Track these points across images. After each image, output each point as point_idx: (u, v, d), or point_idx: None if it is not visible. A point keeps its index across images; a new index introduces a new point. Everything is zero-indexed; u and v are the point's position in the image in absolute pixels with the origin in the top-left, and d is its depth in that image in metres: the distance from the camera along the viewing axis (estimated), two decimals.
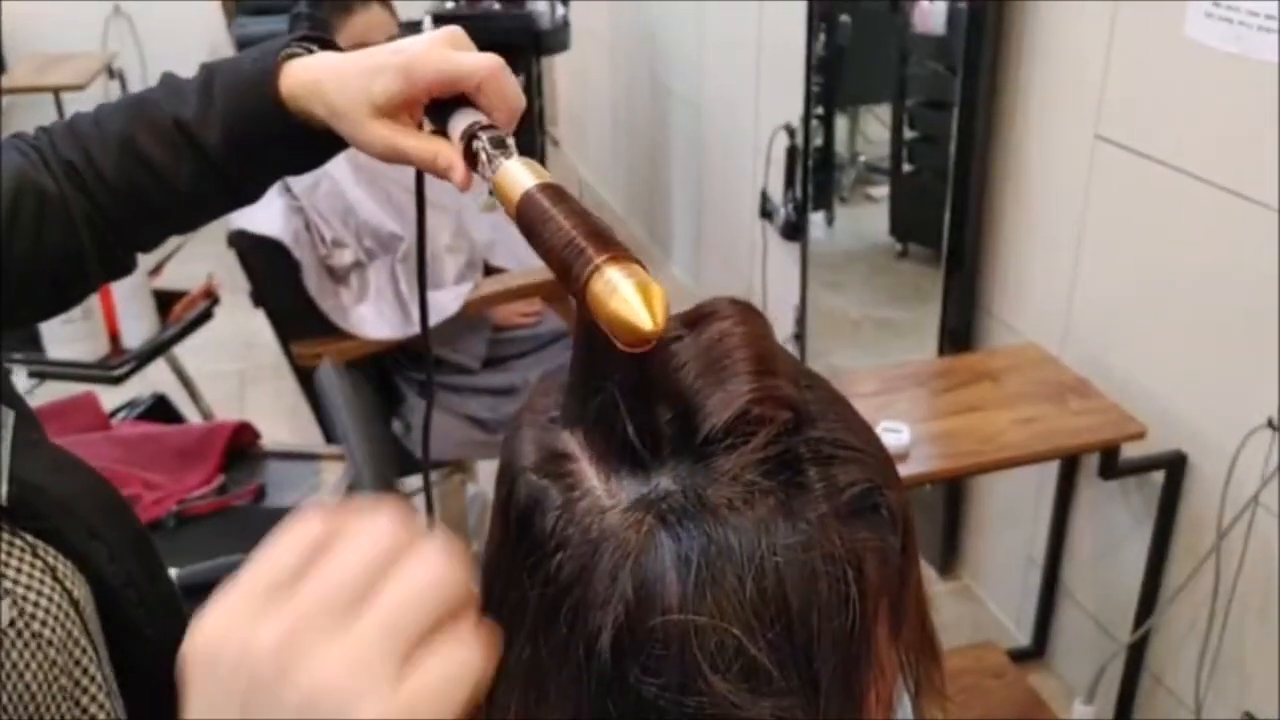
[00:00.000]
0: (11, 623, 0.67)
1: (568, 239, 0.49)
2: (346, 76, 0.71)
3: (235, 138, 0.75)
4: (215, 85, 0.76)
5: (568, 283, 0.47)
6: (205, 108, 0.76)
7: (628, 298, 0.44)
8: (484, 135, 0.64)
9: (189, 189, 0.77)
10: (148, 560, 0.82)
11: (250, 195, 0.82)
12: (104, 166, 0.77)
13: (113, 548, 0.77)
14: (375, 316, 2.20)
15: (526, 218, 0.54)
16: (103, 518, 0.78)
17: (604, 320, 0.45)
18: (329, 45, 0.77)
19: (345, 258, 2.20)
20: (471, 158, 0.65)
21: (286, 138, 0.75)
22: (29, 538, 0.71)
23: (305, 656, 0.35)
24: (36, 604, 0.69)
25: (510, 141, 0.64)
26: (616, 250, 0.47)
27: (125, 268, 0.83)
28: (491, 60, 0.69)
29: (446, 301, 2.26)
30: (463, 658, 0.37)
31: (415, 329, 2.21)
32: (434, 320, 2.23)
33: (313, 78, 0.73)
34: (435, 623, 0.37)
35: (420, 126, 0.73)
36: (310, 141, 0.75)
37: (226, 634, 0.36)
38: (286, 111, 0.74)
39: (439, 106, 0.71)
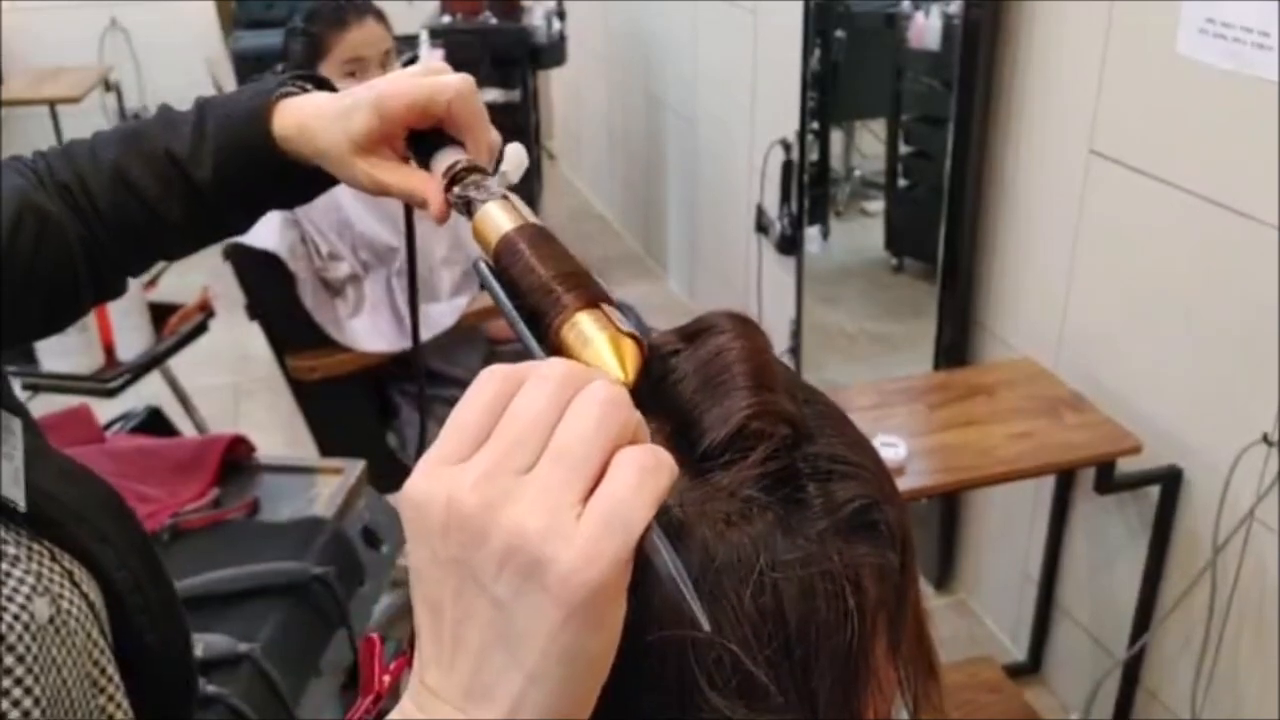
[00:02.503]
0: (50, 619, 0.68)
1: (540, 284, 0.50)
2: (328, 118, 0.74)
3: (226, 173, 0.77)
4: (209, 121, 0.77)
5: (540, 329, 0.48)
6: (198, 142, 0.77)
7: (600, 350, 0.45)
8: (467, 177, 0.65)
9: (178, 220, 0.79)
10: (152, 565, 0.83)
11: (238, 228, 0.84)
12: (97, 193, 0.78)
13: (120, 553, 0.79)
14: (371, 329, 2.20)
15: (502, 263, 0.54)
16: (111, 523, 0.80)
17: None
18: (323, 85, 0.79)
19: (341, 270, 2.20)
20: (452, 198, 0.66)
21: (277, 174, 0.77)
22: (48, 544, 0.73)
23: (502, 501, 0.38)
24: (69, 604, 0.71)
25: (490, 183, 0.65)
26: (589, 296, 0.48)
27: (115, 291, 0.85)
28: (458, 80, 0.70)
29: (442, 314, 2.26)
30: (639, 468, 0.39)
31: (410, 341, 2.21)
32: (429, 334, 2.22)
33: (299, 121, 0.75)
34: (612, 450, 0.40)
35: (406, 159, 0.74)
36: (300, 179, 0.77)
37: (431, 490, 0.39)
38: (278, 150, 0.75)
39: (422, 139, 0.72)
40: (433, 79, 0.71)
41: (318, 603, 1.40)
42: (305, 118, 0.75)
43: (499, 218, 0.58)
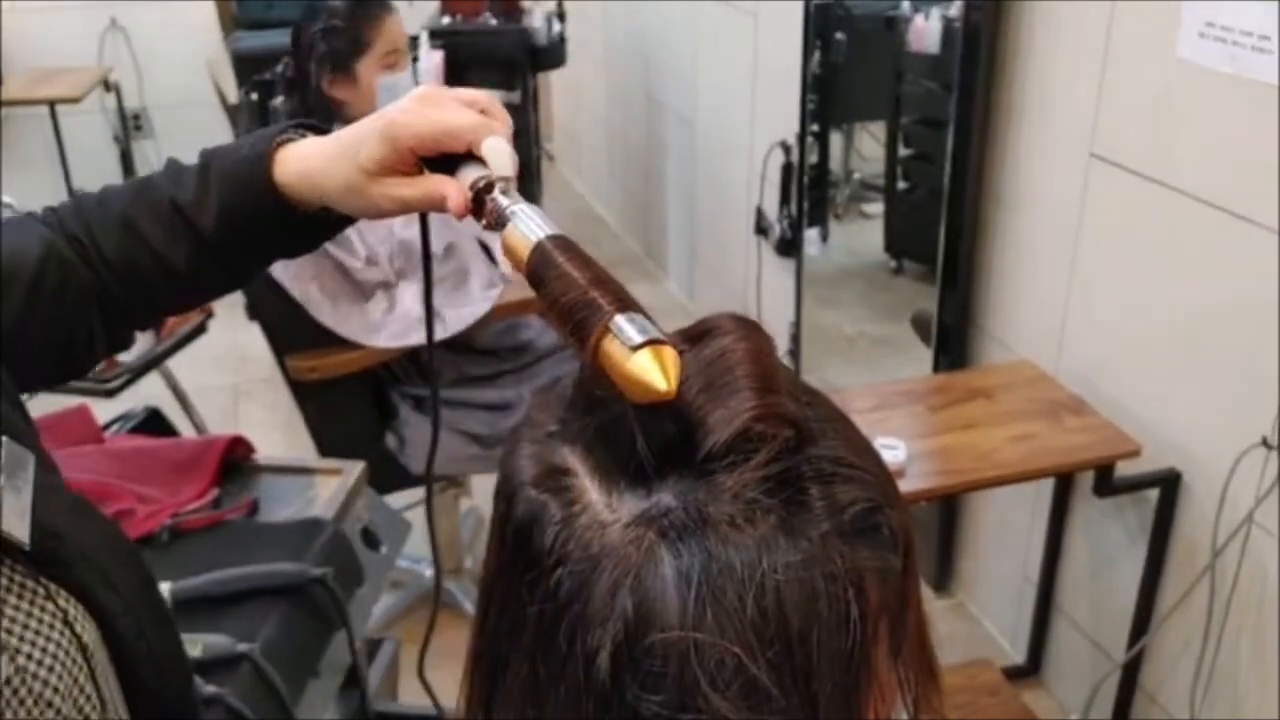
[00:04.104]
0: (8, 680, 0.67)
1: (579, 293, 0.50)
2: (332, 156, 0.74)
3: (230, 222, 0.78)
4: (212, 170, 0.78)
5: (576, 335, 0.48)
6: (202, 193, 0.78)
7: (642, 361, 0.46)
8: (495, 190, 0.66)
9: (186, 270, 0.79)
10: (158, 612, 0.83)
11: (247, 276, 0.84)
12: (106, 245, 0.79)
13: (127, 599, 0.78)
14: (405, 329, 2.20)
15: (535, 271, 0.55)
16: (118, 567, 0.79)
17: (619, 379, 0.46)
18: (321, 132, 0.79)
19: (375, 275, 2.20)
20: (479, 212, 0.67)
21: (280, 222, 0.77)
22: (45, 582, 0.72)
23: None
24: (44, 652, 0.70)
25: (515, 194, 0.65)
26: (625, 304, 0.49)
27: (124, 343, 0.86)
28: (476, 121, 0.70)
29: (475, 312, 2.28)
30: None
31: (451, 331, 2.23)
32: (467, 323, 2.24)
33: (304, 168, 0.75)
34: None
35: (420, 173, 0.74)
36: (304, 225, 0.78)
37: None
38: (281, 197, 0.76)
39: (436, 165, 0.72)
40: (453, 118, 0.70)
41: (317, 603, 1.40)
42: (307, 160, 0.75)
43: (529, 228, 0.59)
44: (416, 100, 0.72)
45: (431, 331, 0.85)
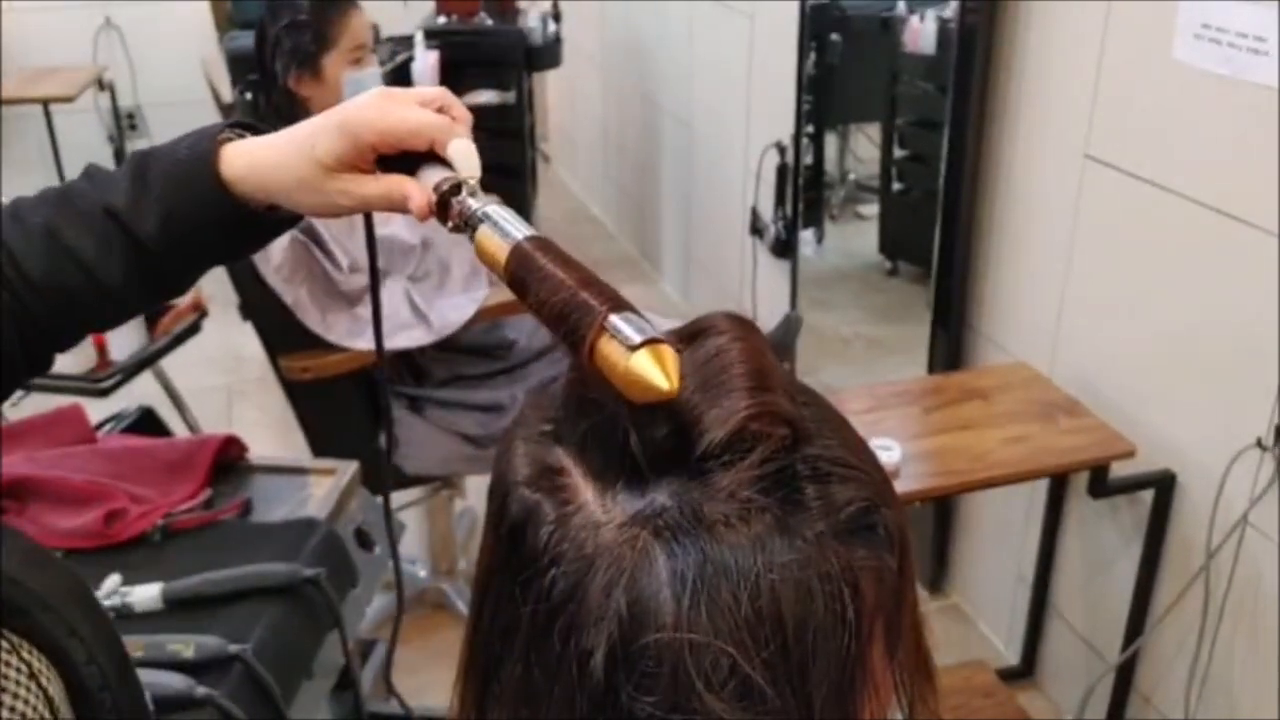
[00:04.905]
0: None
1: (568, 294, 0.50)
2: (284, 152, 0.72)
3: (173, 224, 0.73)
4: (150, 171, 0.74)
5: (570, 338, 0.48)
6: (139, 194, 0.73)
7: (642, 361, 0.45)
8: (463, 191, 0.64)
9: (118, 280, 0.74)
10: (120, 661, 0.79)
11: (180, 287, 0.79)
12: (27, 261, 0.73)
13: (90, 647, 0.75)
14: (392, 332, 2.20)
15: (516, 275, 0.54)
16: (79, 613, 0.76)
17: (618, 380, 0.45)
18: (259, 132, 0.76)
19: (358, 282, 2.19)
20: (445, 214, 0.65)
21: (226, 221, 0.74)
22: (9, 635, 0.69)
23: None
24: (12, 711, 0.67)
25: (482, 195, 0.64)
26: (616, 303, 0.48)
27: (45, 365, 0.79)
28: (441, 121, 0.68)
29: (459, 307, 2.27)
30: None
31: (437, 335, 2.22)
32: (453, 327, 2.23)
33: (250, 161, 0.72)
34: None
35: (375, 173, 0.72)
36: (250, 225, 0.75)
37: None
38: (229, 193, 0.73)
39: (392, 164, 0.70)
40: (413, 115, 0.69)
41: (310, 604, 1.40)
42: (256, 157, 0.72)
43: (505, 229, 0.58)
44: (378, 96, 0.70)
45: (383, 348, 0.82)
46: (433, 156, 0.69)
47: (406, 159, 0.70)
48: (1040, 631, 2.30)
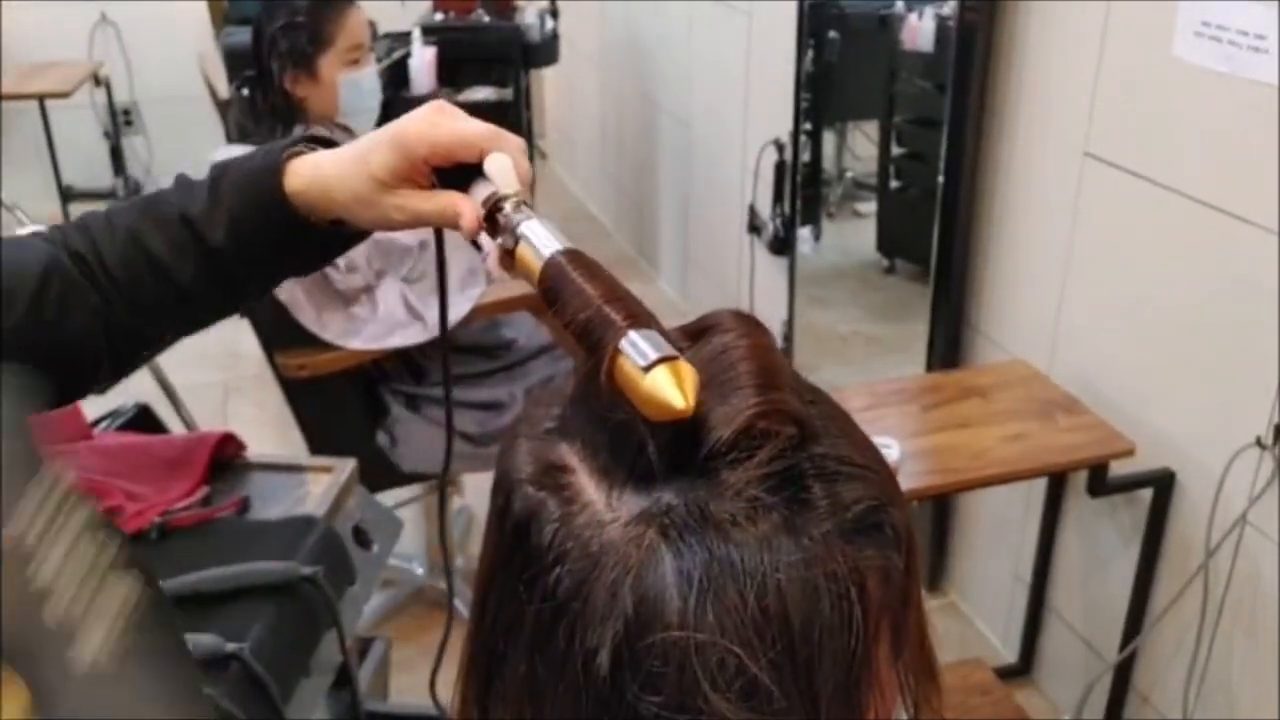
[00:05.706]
0: None
1: (593, 310, 0.50)
2: (345, 164, 0.73)
3: (240, 234, 0.76)
4: (224, 181, 0.77)
5: (593, 351, 0.48)
6: (213, 204, 0.77)
7: (659, 379, 0.45)
8: (506, 206, 0.65)
9: (190, 284, 0.77)
10: None
11: (252, 294, 0.83)
12: (110, 259, 0.77)
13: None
14: (390, 329, 2.19)
15: (549, 289, 0.55)
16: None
17: (635, 397, 0.45)
18: (330, 144, 0.78)
19: (355, 281, 2.18)
20: (495, 229, 0.66)
21: (292, 233, 0.76)
22: None
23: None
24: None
25: (525, 209, 0.65)
26: (639, 319, 0.48)
27: (131, 365, 0.83)
28: (489, 130, 0.70)
29: (455, 305, 2.26)
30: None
31: (433, 333, 2.21)
32: (450, 323, 2.23)
33: (313, 175, 0.74)
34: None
35: (432, 186, 0.73)
36: (316, 237, 0.77)
37: None
38: (291, 206, 0.75)
39: (448, 177, 0.71)
40: (465, 126, 0.70)
41: (307, 602, 1.39)
42: (319, 170, 0.74)
43: (542, 242, 0.59)
44: (429, 109, 0.71)
45: (445, 330, 0.83)
46: (479, 171, 0.70)
47: (463, 172, 0.70)
48: (1038, 630, 2.30)
